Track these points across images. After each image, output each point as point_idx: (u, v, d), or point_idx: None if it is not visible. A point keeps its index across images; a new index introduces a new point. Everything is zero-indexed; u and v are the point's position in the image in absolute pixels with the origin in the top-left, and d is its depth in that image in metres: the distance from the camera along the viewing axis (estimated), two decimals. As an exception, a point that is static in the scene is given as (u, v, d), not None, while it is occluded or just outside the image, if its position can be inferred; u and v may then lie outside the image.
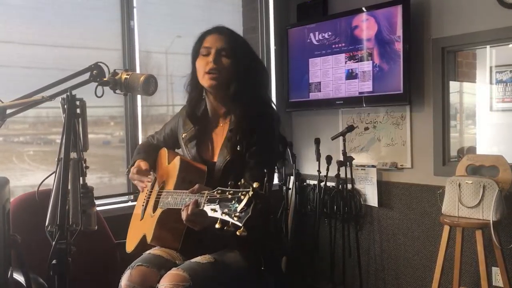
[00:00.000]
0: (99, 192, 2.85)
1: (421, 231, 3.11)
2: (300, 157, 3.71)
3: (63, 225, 0.96)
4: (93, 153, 2.98)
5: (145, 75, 1.38)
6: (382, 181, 3.28)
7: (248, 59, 1.77)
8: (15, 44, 2.59)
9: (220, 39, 1.75)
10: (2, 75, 2.54)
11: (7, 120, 1.51)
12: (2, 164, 2.59)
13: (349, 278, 3.37)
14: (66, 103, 1.16)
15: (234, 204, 1.29)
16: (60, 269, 0.95)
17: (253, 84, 1.76)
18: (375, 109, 3.28)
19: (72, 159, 1.12)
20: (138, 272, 1.66)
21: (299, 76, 3.56)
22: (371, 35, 3.14)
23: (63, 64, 2.68)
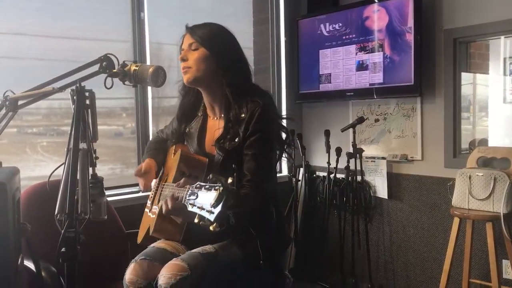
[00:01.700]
0: (111, 183, 2.89)
1: (431, 223, 3.10)
2: (310, 149, 3.71)
3: (72, 214, 0.98)
4: (105, 144, 3.01)
5: (154, 67, 1.39)
6: (392, 173, 3.27)
7: (220, 46, 1.74)
8: (27, 36, 2.61)
9: (190, 35, 1.76)
10: (14, 66, 2.56)
11: (20, 112, 1.54)
12: (16, 155, 2.62)
13: (358, 269, 3.38)
14: (76, 95, 1.18)
15: (208, 199, 1.30)
16: (69, 257, 0.97)
17: (235, 73, 1.73)
18: (385, 100, 3.26)
19: (81, 149, 1.14)
20: (141, 266, 1.68)
21: (309, 67, 3.55)
22: (382, 26, 3.12)
23: (73, 55, 2.70)
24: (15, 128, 2.66)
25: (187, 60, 1.74)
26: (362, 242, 3.34)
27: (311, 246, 3.65)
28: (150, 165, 1.87)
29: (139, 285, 1.65)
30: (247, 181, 1.63)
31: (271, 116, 1.71)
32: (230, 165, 1.61)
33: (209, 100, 1.82)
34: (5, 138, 2.61)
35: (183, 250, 1.75)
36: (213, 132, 1.80)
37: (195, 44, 1.73)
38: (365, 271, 3.32)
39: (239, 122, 1.68)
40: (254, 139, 1.66)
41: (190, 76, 1.74)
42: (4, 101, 1.52)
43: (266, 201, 1.72)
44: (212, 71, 1.73)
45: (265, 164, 1.68)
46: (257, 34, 3.75)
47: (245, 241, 1.66)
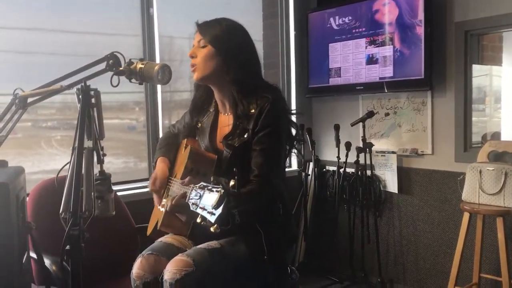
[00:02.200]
0: (125, 176, 2.92)
1: (441, 218, 3.09)
2: (319, 143, 3.70)
3: (76, 212, 0.99)
4: (119, 138, 3.05)
5: (159, 65, 1.40)
6: (402, 167, 3.25)
7: (228, 44, 1.73)
8: (38, 31, 2.64)
9: (198, 32, 1.76)
10: (26, 62, 2.59)
11: (35, 106, 1.55)
12: (31, 149, 2.66)
13: (368, 263, 3.38)
14: (81, 93, 1.19)
15: (210, 200, 1.31)
16: (74, 254, 0.99)
17: (241, 71, 1.72)
18: (396, 94, 3.24)
19: (87, 147, 1.15)
20: (148, 261, 1.69)
21: (319, 61, 3.54)
22: (392, 19, 3.09)
23: (84, 50, 2.72)
24: (29, 122, 2.69)
25: (196, 57, 1.74)
26: (372, 236, 3.34)
27: (321, 240, 3.66)
28: (164, 174, 1.84)
29: (145, 280, 1.67)
30: (254, 176, 1.63)
31: (280, 112, 1.70)
32: (238, 162, 1.62)
33: (219, 97, 1.82)
34: (20, 132, 2.66)
35: (190, 245, 1.77)
36: (223, 128, 1.80)
37: (203, 41, 1.73)
38: (375, 265, 3.32)
39: (248, 118, 1.68)
40: (262, 134, 1.65)
41: (198, 74, 1.75)
42: (14, 99, 1.54)
43: (273, 197, 1.72)
44: (218, 69, 1.72)
45: (274, 160, 1.68)
46: (266, 28, 3.74)
47: (251, 237, 1.66)
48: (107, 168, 2.97)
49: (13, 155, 2.61)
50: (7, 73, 2.54)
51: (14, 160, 2.60)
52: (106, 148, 3.14)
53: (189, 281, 1.51)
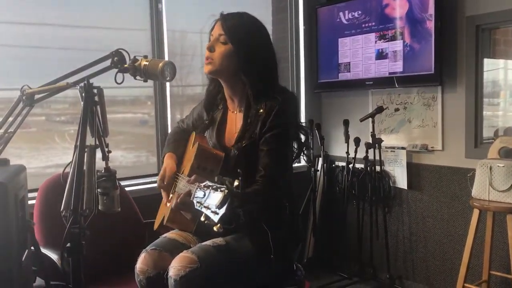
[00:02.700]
0: (137, 170, 2.95)
1: (451, 214, 3.06)
2: (329, 139, 3.69)
3: (77, 211, 1.00)
4: (131, 132, 3.07)
5: (163, 62, 1.40)
6: (412, 163, 3.22)
7: (248, 47, 1.71)
8: (48, 26, 2.65)
9: (221, 26, 1.72)
10: (37, 56, 2.61)
11: (48, 100, 1.56)
12: (45, 143, 2.69)
13: (377, 259, 3.37)
14: (84, 92, 1.20)
15: (214, 199, 1.32)
16: (74, 251, 1.00)
17: (260, 71, 1.71)
18: (406, 90, 3.21)
19: (89, 145, 1.16)
20: (151, 256, 1.70)
21: (328, 56, 3.52)
22: (402, 14, 3.06)
23: (94, 45, 2.74)
24: (43, 116, 2.72)
25: (213, 51, 1.72)
26: (381, 232, 3.32)
27: (330, 236, 3.65)
28: (172, 171, 1.84)
29: (148, 274, 1.68)
30: (260, 177, 1.63)
31: (288, 114, 1.69)
32: (245, 161, 1.62)
33: (229, 93, 1.82)
34: (34, 126, 2.69)
35: (195, 241, 1.78)
36: (231, 126, 1.80)
37: (224, 37, 1.70)
38: (384, 261, 3.31)
39: (256, 119, 1.68)
40: (270, 135, 1.65)
41: (212, 68, 1.73)
42: (21, 95, 1.56)
43: (280, 197, 1.72)
44: (234, 68, 1.71)
45: (280, 160, 1.67)
46: (275, 22, 3.72)
47: (256, 235, 1.66)
48: (120, 161, 3.01)
49: (28, 149, 2.65)
50: (18, 68, 2.57)
51: (29, 154, 2.65)
52: (119, 142, 3.18)
53: (194, 278, 1.51)
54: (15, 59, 2.56)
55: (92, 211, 1.04)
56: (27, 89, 1.55)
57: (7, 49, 2.54)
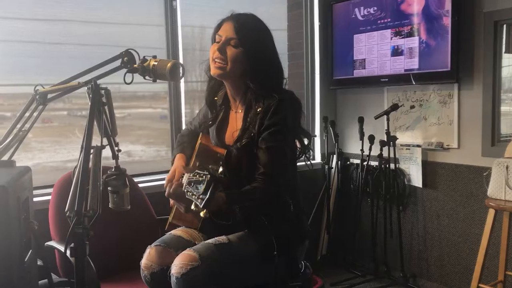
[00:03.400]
0: (156, 165, 2.99)
1: (467, 214, 3.02)
2: (343, 136, 3.67)
3: (80, 211, 1.02)
4: (151, 127, 3.12)
5: (172, 62, 1.41)
6: (427, 161, 3.19)
7: (258, 51, 1.72)
8: (65, 22, 2.68)
9: (232, 28, 1.72)
10: (52, 53, 2.64)
11: (70, 95, 1.59)
12: (66, 137, 2.74)
13: (390, 257, 3.35)
14: (91, 93, 1.21)
15: (200, 187, 1.37)
16: (78, 252, 1.02)
17: (266, 75, 1.72)
18: (421, 87, 3.17)
19: (95, 146, 1.18)
20: (156, 252, 1.73)
21: (343, 52, 3.49)
22: (418, 10, 3.02)
23: (110, 41, 2.78)
24: (65, 111, 2.77)
25: (224, 54, 1.72)
26: (395, 230, 3.30)
27: (344, 233, 3.64)
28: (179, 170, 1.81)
29: (152, 270, 1.70)
30: (259, 174, 1.64)
31: (286, 112, 1.69)
32: (246, 160, 1.63)
33: (232, 93, 1.83)
34: (56, 121, 2.74)
35: (200, 238, 1.79)
36: (233, 125, 1.81)
37: (235, 41, 1.70)
38: (398, 259, 3.29)
39: (255, 118, 1.69)
40: (268, 133, 1.66)
41: (222, 72, 1.74)
42: (35, 95, 1.59)
43: (281, 194, 1.72)
44: (242, 71, 1.73)
45: (279, 158, 1.67)
46: (291, 18, 3.71)
47: (260, 233, 1.67)
48: (140, 156, 3.05)
49: (50, 143, 2.70)
50: (35, 64, 2.61)
51: (51, 148, 2.70)
52: (139, 137, 3.21)
53: (195, 276, 1.53)
54: (32, 55, 2.60)
55: (96, 212, 1.06)
56: (40, 88, 1.58)
57: (24, 45, 2.58)
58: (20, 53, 2.57)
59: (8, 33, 2.53)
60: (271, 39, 1.79)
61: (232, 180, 1.66)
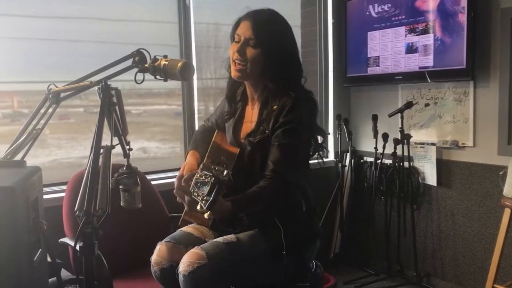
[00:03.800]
0: (171, 162, 3.01)
1: (482, 213, 2.98)
2: (357, 134, 3.65)
3: (89, 211, 1.03)
4: (166, 124, 3.14)
5: (182, 62, 1.42)
6: (442, 160, 3.15)
7: (277, 50, 1.70)
8: (80, 20, 2.71)
9: (250, 27, 1.70)
10: (69, 49, 2.68)
11: (86, 92, 1.61)
12: (83, 133, 2.77)
13: (404, 256, 3.32)
14: (101, 93, 1.23)
15: (205, 188, 1.37)
16: (87, 251, 1.03)
17: (285, 74, 1.71)
18: (436, 84, 3.13)
19: (105, 146, 1.19)
20: (166, 248, 1.74)
21: (357, 50, 3.47)
22: (433, 7, 2.98)
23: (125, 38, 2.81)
24: (81, 108, 2.80)
25: (244, 55, 1.71)
26: (409, 229, 3.28)
27: (357, 232, 3.62)
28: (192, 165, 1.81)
29: (162, 266, 1.71)
30: (269, 172, 1.64)
31: (302, 110, 1.68)
32: (259, 157, 1.63)
33: (250, 91, 1.83)
34: (73, 117, 2.78)
35: (211, 235, 1.80)
36: (248, 122, 1.81)
37: (254, 41, 1.69)
38: (411, 258, 3.26)
39: (270, 115, 1.69)
40: (281, 131, 1.65)
41: (242, 75, 1.74)
42: (48, 94, 1.61)
43: (292, 193, 1.72)
44: (261, 70, 1.72)
45: (291, 156, 1.66)
46: (304, 16, 3.70)
47: (270, 232, 1.67)
48: (155, 153, 3.08)
49: (66, 139, 2.74)
50: (53, 62, 2.64)
51: (68, 144, 2.74)
52: (154, 134, 3.24)
53: (202, 274, 1.53)
54: (49, 53, 2.64)
55: (105, 211, 1.07)
56: (53, 87, 1.60)
57: (42, 43, 2.62)
58: (37, 51, 2.61)
59: (25, 31, 2.57)
60: (290, 35, 1.77)
61: (244, 177, 1.66)
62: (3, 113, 2.62)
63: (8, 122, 2.61)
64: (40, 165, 2.61)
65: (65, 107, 2.73)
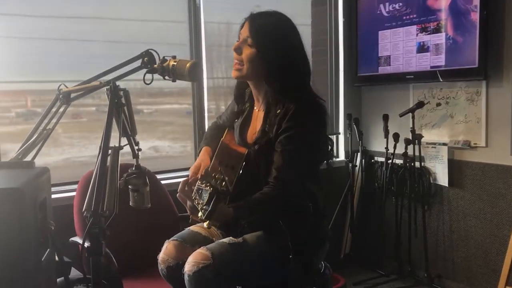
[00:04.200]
0: (183, 161, 3.03)
1: (495, 214, 2.95)
2: (368, 134, 3.63)
3: (97, 212, 1.04)
4: (178, 123, 3.16)
5: (191, 62, 1.41)
6: (454, 160, 3.12)
7: (275, 52, 1.67)
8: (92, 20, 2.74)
9: (248, 27, 1.69)
10: (80, 49, 2.71)
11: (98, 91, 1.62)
12: (95, 132, 2.79)
13: (415, 257, 3.30)
14: (110, 94, 1.23)
15: (204, 197, 1.39)
16: (94, 251, 1.03)
17: (285, 76, 1.68)
18: (448, 84, 3.10)
19: (113, 147, 1.19)
20: (172, 246, 1.75)
21: (368, 49, 3.44)
22: (444, 5, 2.95)
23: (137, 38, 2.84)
24: (93, 107, 2.83)
25: (240, 54, 1.71)
26: (420, 230, 3.25)
27: (367, 232, 3.60)
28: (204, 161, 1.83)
29: (169, 264, 1.72)
30: (272, 178, 1.62)
31: (306, 116, 1.65)
32: (263, 162, 1.63)
33: (255, 92, 1.82)
34: (85, 116, 2.81)
35: (218, 235, 1.80)
36: (254, 124, 1.80)
37: (250, 40, 1.68)
38: (422, 259, 3.23)
39: (274, 120, 1.67)
40: (284, 137, 1.63)
41: (239, 74, 1.73)
42: (58, 94, 1.62)
43: (297, 198, 1.70)
44: (260, 72, 1.70)
45: (294, 162, 1.63)
46: (315, 15, 3.68)
47: (276, 235, 1.66)
48: (167, 151, 3.09)
49: (79, 138, 2.77)
50: (65, 62, 2.67)
51: (80, 143, 2.76)
52: (166, 133, 3.26)
53: (206, 274, 1.54)
54: (60, 52, 2.66)
55: (112, 212, 1.07)
56: (64, 88, 1.61)
57: (52, 42, 2.64)
58: (50, 50, 2.64)
59: (38, 31, 2.59)
60: (294, 39, 1.73)
61: (251, 180, 1.65)
62: (17, 112, 2.65)
63: (21, 121, 2.65)
64: (53, 164, 2.66)
65: (78, 106, 2.75)
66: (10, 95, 2.65)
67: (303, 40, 1.76)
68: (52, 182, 2.59)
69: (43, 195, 1.10)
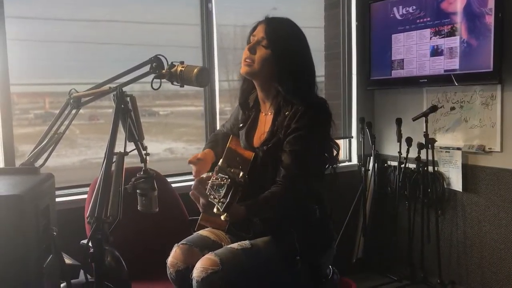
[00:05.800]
0: None
1: (510, 220, 2.90)
2: (381, 138, 3.60)
3: (100, 218, 1.05)
4: (193, 125, 3.18)
5: (198, 68, 1.42)
6: (468, 165, 3.08)
7: (288, 56, 1.73)
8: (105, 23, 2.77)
9: (263, 29, 1.75)
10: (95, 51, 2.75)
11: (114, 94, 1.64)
12: None
13: (428, 263, 3.26)
14: (116, 100, 1.24)
15: (222, 190, 1.39)
16: (97, 257, 1.04)
17: (295, 80, 1.72)
18: (462, 88, 3.06)
19: (117, 153, 1.20)
20: (181, 250, 1.76)
21: (381, 52, 3.42)
22: (459, 8, 2.92)
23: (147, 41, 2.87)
24: (110, 108, 2.86)
25: (254, 53, 1.75)
26: (433, 235, 3.21)
27: (380, 237, 3.57)
28: (206, 154, 1.90)
29: (178, 268, 1.73)
30: (281, 178, 1.65)
31: (314, 118, 1.68)
32: (271, 163, 1.63)
33: (261, 95, 1.84)
34: (102, 118, 2.85)
35: (227, 239, 1.81)
36: (261, 128, 1.82)
37: (266, 42, 1.73)
38: (435, 265, 3.19)
39: (283, 122, 1.70)
40: (293, 137, 1.66)
41: (250, 70, 1.77)
42: (69, 99, 1.64)
43: (304, 198, 1.71)
44: (271, 73, 1.74)
45: (302, 162, 1.66)
46: (328, 18, 3.67)
47: (284, 238, 1.67)
48: (182, 153, 3.12)
49: (95, 140, 2.82)
50: (82, 64, 2.71)
51: (97, 144, 2.81)
52: (181, 135, 3.29)
53: (215, 280, 1.54)
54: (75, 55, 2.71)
55: (116, 218, 1.08)
56: (74, 92, 1.63)
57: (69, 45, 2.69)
58: (67, 53, 2.68)
59: (55, 34, 2.64)
60: (304, 46, 1.80)
61: (257, 183, 1.66)
62: (36, 113, 2.70)
63: (40, 122, 2.69)
64: (70, 165, 2.70)
65: (95, 108, 2.80)
66: (28, 97, 2.71)
67: None
68: (68, 183, 2.62)
69: (46, 201, 1.12)
